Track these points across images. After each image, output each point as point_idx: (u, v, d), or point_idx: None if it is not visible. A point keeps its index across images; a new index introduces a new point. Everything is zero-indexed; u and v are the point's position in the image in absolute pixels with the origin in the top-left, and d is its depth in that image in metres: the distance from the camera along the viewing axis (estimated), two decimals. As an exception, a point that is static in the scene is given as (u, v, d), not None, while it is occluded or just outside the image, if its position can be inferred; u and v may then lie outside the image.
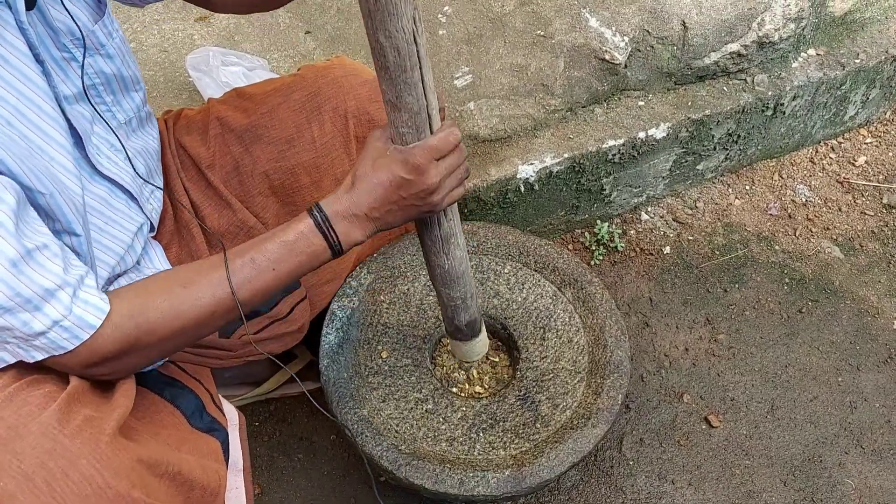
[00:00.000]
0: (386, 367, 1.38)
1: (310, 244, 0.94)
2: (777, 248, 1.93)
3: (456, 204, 1.05)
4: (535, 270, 1.49)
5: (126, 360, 0.89)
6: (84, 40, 0.93)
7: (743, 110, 1.86)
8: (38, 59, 0.87)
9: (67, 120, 0.92)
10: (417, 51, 0.84)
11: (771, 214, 2.00)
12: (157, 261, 1.12)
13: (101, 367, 0.87)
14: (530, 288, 1.48)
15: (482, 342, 1.35)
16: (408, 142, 0.93)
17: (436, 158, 0.93)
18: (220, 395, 1.13)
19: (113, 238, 1.00)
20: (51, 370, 0.88)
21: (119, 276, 1.03)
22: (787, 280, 1.87)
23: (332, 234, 0.95)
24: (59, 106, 0.90)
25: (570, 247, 1.91)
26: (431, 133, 0.93)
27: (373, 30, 0.81)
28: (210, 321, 0.92)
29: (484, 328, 1.35)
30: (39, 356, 0.83)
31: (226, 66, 1.59)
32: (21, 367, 0.86)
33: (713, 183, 2.05)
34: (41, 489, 0.74)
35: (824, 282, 1.87)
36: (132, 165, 1.04)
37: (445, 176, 0.95)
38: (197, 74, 1.60)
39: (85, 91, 0.95)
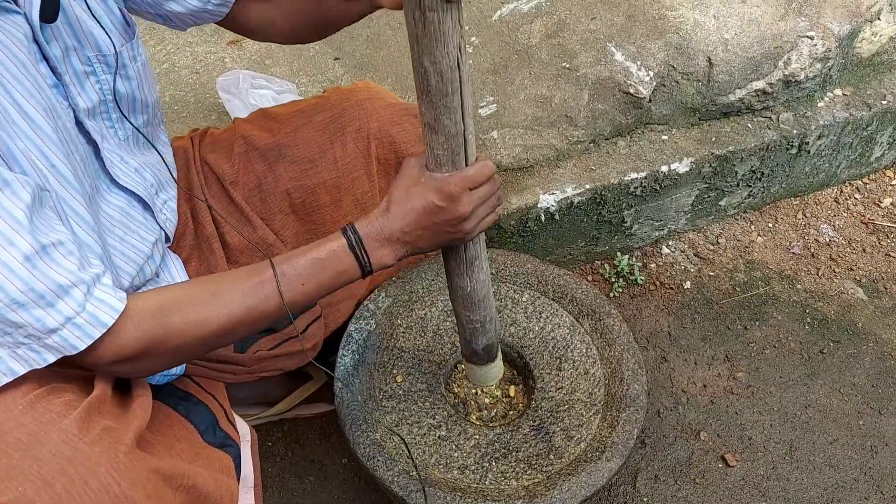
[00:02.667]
0: (400, 392, 1.38)
1: (341, 263, 0.96)
2: (799, 287, 1.91)
3: None
4: (553, 300, 1.49)
5: (148, 361, 0.90)
6: (115, 58, 0.96)
7: (767, 148, 1.86)
8: (56, 73, 0.89)
9: (86, 132, 0.95)
10: (460, 76, 0.85)
11: (793, 253, 1.99)
12: (177, 274, 1.13)
13: (123, 366, 0.88)
14: (548, 317, 1.47)
15: (497, 367, 1.34)
16: (442, 163, 0.94)
17: (469, 188, 0.95)
18: (232, 411, 1.14)
19: (132, 248, 1.02)
20: (70, 379, 0.89)
21: (139, 287, 1.05)
22: (808, 320, 1.84)
23: (364, 255, 0.97)
24: (76, 118, 0.93)
25: (590, 278, 1.91)
26: (466, 156, 0.95)
27: (418, 54, 0.83)
28: (237, 329, 0.93)
29: (500, 353, 1.34)
30: (51, 357, 0.84)
31: (255, 88, 1.62)
32: (41, 376, 0.87)
33: (735, 219, 2.04)
34: (60, 495, 0.75)
35: (847, 323, 1.84)
36: (146, 177, 1.06)
37: (478, 205, 0.97)
38: (227, 96, 1.63)
39: (117, 104, 0.98)
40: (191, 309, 0.90)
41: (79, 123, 0.94)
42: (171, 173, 1.12)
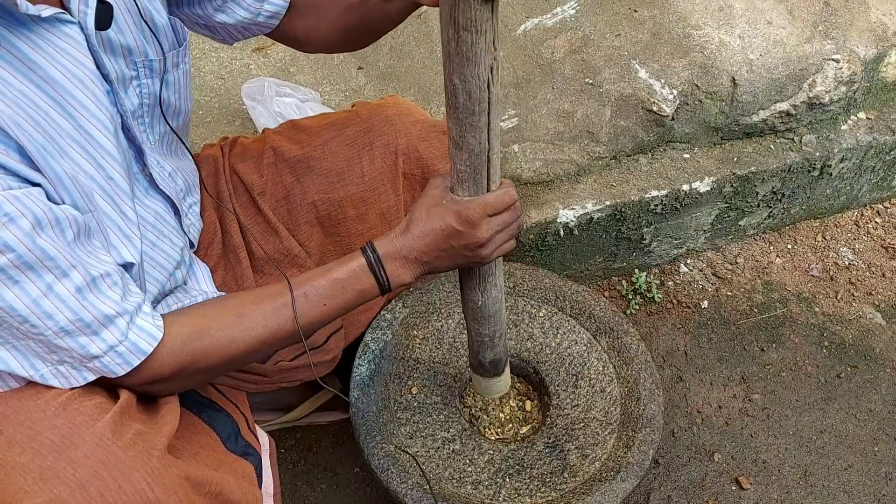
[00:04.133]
0: (415, 404, 1.38)
1: (360, 282, 0.98)
2: (817, 309, 1.90)
3: None
4: (571, 316, 1.49)
5: (178, 382, 0.93)
6: (160, 63, 0.97)
7: (789, 169, 1.85)
8: (108, 79, 0.91)
9: (132, 136, 0.96)
10: (489, 97, 0.86)
11: (812, 275, 1.97)
12: (204, 282, 1.14)
13: (154, 386, 0.91)
14: (565, 333, 1.47)
15: (503, 382, 1.33)
16: (464, 179, 0.95)
17: (489, 214, 0.97)
18: (254, 421, 1.14)
19: (164, 253, 1.03)
20: (98, 382, 0.90)
21: (167, 294, 1.05)
22: (826, 343, 1.83)
23: (383, 273, 0.99)
24: (124, 122, 0.94)
25: (607, 294, 1.90)
26: (489, 176, 0.95)
27: (449, 70, 0.84)
28: (261, 349, 0.96)
29: (508, 369, 1.33)
30: (91, 377, 0.86)
31: (279, 96, 1.63)
32: None
33: (755, 240, 2.03)
34: (94, 499, 0.76)
35: (864, 348, 1.83)
36: (178, 182, 1.07)
37: (496, 232, 0.99)
38: (251, 103, 1.63)
39: (162, 109, 1.00)
40: (220, 332, 0.93)
41: (125, 128, 0.95)
42: (184, 182, 1.13)
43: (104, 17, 0.87)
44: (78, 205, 0.84)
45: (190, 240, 1.13)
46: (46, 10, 0.81)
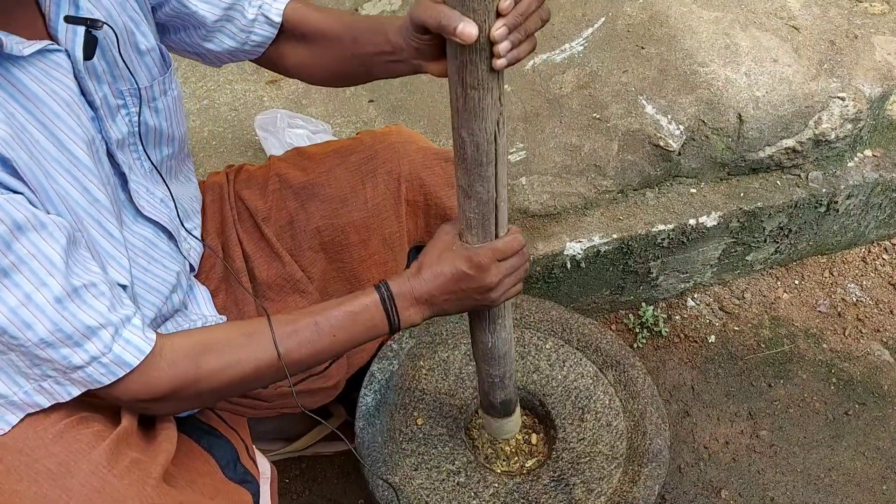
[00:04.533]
0: (420, 435, 1.38)
1: (371, 317, 0.99)
2: (825, 346, 1.90)
3: None
4: (577, 349, 1.49)
5: (176, 403, 0.92)
6: (147, 91, 0.99)
7: (796, 205, 1.86)
8: (93, 106, 0.93)
9: (116, 164, 0.97)
10: (496, 149, 0.89)
11: (820, 311, 1.97)
12: (204, 305, 1.15)
13: (151, 404, 0.90)
14: (571, 366, 1.47)
15: (514, 422, 1.34)
16: (472, 226, 0.97)
17: (499, 259, 0.99)
18: (254, 447, 1.14)
19: (157, 278, 1.04)
20: (98, 409, 0.90)
21: (167, 318, 1.06)
22: (833, 380, 1.82)
23: (394, 312, 1.00)
24: (108, 149, 0.96)
25: (614, 327, 1.90)
26: (497, 222, 0.98)
27: (457, 124, 0.87)
28: (266, 374, 0.95)
29: (518, 409, 1.34)
30: (76, 391, 0.85)
31: (292, 128, 1.65)
32: (71, 405, 0.88)
33: (762, 275, 2.03)
34: None
35: (872, 385, 1.82)
36: (171, 207, 1.08)
37: (505, 276, 1.01)
38: (264, 134, 1.66)
39: (141, 137, 1.02)
40: (225, 350, 0.92)
41: (110, 155, 0.97)
42: (178, 208, 1.13)
43: (89, 48, 0.89)
44: (66, 220, 0.84)
45: (190, 264, 1.14)
46: (29, 48, 0.83)
